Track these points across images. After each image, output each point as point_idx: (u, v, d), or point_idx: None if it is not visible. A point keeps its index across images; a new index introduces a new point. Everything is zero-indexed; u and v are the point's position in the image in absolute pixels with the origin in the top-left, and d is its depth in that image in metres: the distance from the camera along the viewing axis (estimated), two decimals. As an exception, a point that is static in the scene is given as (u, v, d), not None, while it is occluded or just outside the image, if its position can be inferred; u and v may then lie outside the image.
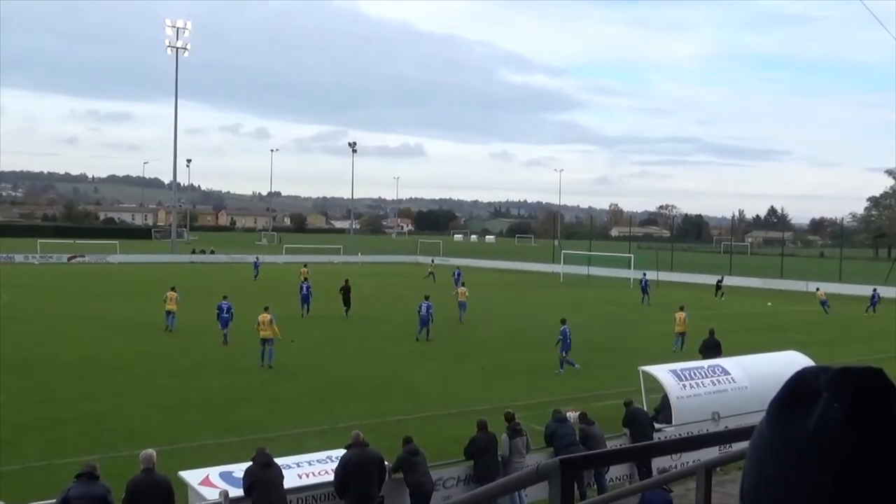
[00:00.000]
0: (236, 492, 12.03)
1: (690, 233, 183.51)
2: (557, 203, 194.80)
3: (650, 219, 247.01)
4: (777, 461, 0.98)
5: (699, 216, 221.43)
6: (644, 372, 19.67)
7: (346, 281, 41.86)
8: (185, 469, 13.26)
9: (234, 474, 12.59)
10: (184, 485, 12.62)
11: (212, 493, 12.14)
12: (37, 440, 17.95)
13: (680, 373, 19.01)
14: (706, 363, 20.68)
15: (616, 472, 15.95)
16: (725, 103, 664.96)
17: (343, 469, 12.63)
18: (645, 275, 55.84)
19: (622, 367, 25.27)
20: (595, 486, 15.17)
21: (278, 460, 12.61)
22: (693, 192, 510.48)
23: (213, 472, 12.90)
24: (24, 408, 20.57)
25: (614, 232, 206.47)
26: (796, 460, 0.96)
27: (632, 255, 71.58)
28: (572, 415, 16.72)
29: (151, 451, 11.82)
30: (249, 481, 11.99)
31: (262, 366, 26.46)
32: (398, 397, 23.02)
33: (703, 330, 28.30)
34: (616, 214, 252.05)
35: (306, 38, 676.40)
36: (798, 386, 1.01)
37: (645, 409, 18.34)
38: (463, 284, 42.76)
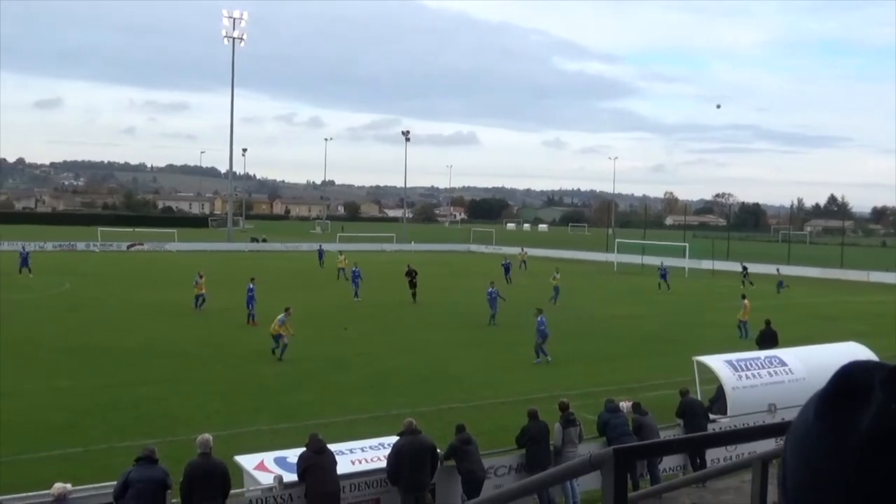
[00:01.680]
0: (290, 476, 12.19)
1: (748, 222, 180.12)
2: (611, 191, 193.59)
3: (706, 207, 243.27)
4: (827, 459, 0.94)
5: (756, 205, 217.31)
6: (698, 362, 19.43)
7: (409, 266, 43.03)
8: (240, 454, 13.47)
9: (288, 459, 12.76)
10: (239, 469, 12.82)
11: (266, 478, 12.32)
12: (98, 424, 18.38)
13: (735, 363, 18.73)
14: (762, 353, 20.34)
15: (669, 462, 15.80)
16: (785, 90, 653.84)
17: (396, 456, 12.71)
18: (662, 263, 56.28)
19: (676, 357, 25.01)
20: (648, 476, 15.06)
21: (331, 446, 12.73)
22: (751, 180, 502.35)
23: (268, 457, 13.08)
24: (86, 392, 21.10)
25: (669, 220, 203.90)
26: (847, 460, 0.92)
27: (687, 244, 70.62)
28: (625, 405, 16.60)
29: (208, 436, 12.00)
30: (303, 466, 12.14)
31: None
32: (449, 385, 23.07)
33: (759, 321, 27.85)
34: (671, 203, 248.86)
35: (361, 27, 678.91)
36: (846, 381, 0.95)
37: (699, 399, 18.12)
38: (557, 271, 45.43)
